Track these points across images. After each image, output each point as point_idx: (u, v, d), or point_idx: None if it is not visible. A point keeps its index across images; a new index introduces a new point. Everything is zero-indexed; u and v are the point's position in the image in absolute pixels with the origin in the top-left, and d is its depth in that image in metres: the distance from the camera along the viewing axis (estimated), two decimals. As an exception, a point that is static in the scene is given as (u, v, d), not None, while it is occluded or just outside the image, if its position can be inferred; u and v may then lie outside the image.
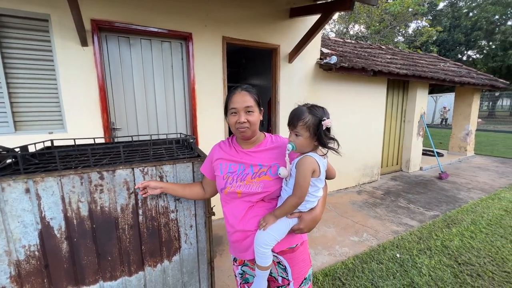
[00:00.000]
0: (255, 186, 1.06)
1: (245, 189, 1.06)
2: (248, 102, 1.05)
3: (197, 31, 2.77)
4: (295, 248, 1.11)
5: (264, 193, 1.06)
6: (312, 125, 0.96)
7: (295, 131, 0.99)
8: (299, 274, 1.11)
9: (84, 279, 1.34)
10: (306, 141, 0.98)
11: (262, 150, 1.12)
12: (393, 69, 4.10)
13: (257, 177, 1.06)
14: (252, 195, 1.07)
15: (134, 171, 1.35)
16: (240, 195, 1.08)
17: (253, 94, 1.08)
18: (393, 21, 10.59)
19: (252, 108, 1.06)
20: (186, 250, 1.57)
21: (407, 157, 5.44)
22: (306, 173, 0.96)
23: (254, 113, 1.07)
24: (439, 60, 7.05)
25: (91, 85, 2.36)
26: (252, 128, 1.08)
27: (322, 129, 0.95)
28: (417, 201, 3.88)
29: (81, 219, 1.29)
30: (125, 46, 2.56)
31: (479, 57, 19.20)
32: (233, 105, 1.05)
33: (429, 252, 2.52)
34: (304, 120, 0.97)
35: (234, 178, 1.08)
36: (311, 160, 0.98)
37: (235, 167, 1.10)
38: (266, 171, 1.07)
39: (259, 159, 1.10)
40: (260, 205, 1.10)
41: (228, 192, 1.09)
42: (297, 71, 3.55)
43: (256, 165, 1.08)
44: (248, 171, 1.08)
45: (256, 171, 1.07)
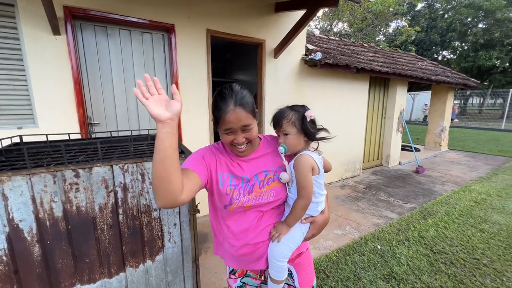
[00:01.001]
0: (266, 195, 0.95)
1: (255, 202, 0.94)
2: (245, 120, 0.86)
3: (180, 22, 2.67)
4: (301, 254, 1.07)
5: (276, 201, 0.98)
6: (296, 120, 0.96)
7: (282, 130, 0.97)
8: (306, 281, 1.06)
9: (59, 283, 1.26)
10: (296, 138, 0.97)
11: (262, 155, 1.02)
12: (375, 67, 4.21)
13: (266, 185, 0.96)
14: (263, 205, 0.97)
15: (113, 168, 1.29)
16: (249, 207, 0.95)
17: (248, 108, 0.87)
18: (375, 20, 10.87)
19: (250, 125, 0.88)
20: (170, 249, 1.53)
21: (387, 152, 5.65)
22: (306, 172, 0.93)
23: (253, 128, 0.90)
24: (417, 59, 7.34)
25: (65, 77, 2.21)
26: (252, 144, 0.97)
27: (307, 122, 0.95)
28: (396, 194, 4.05)
29: (55, 220, 1.21)
30: (102, 36, 2.41)
31: (453, 57, 20.24)
32: (227, 125, 0.86)
33: (407, 242, 2.64)
34: (287, 117, 0.97)
35: (240, 192, 0.93)
36: (307, 157, 0.95)
37: (238, 181, 0.95)
38: (273, 176, 0.97)
39: (263, 164, 0.99)
40: (271, 213, 1.01)
41: (235, 207, 0.94)
42: (283, 67, 3.55)
43: (260, 172, 0.97)
44: (253, 181, 0.95)
45: (262, 178, 0.96)
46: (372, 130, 5.40)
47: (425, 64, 6.73)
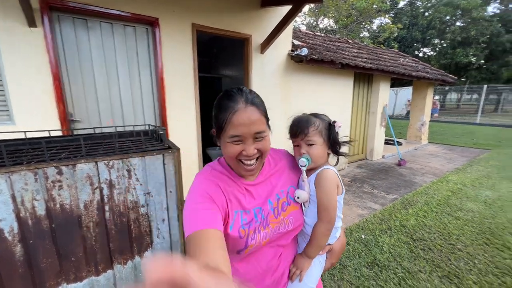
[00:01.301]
0: (284, 224, 0.78)
1: (273, 235, 0.76)
2: (258, 123, 0.67)
3: (164, 16, 2.61)
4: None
5: (296, 229, 0.81)
6: (324, 129, 0.84)
7: (307, 139, 0.83)
8: None
9: (44, 283, 1.24)
10: (321, 150, 0.84)
11: (270, 175, 0.82)
12: (359, 63, 4.31)
13: (283, 212, 0.78)
14: (282, 237, 0.79)
15: (98, 164, 1.26)
16: (265, 243, 0.76)
17: (262, 109, 0.69)
18: (359, 17, 11.08)
19: (264, 132, 0.69)
20: (159, 245, 1.53)
21: (371, 146, 5.83)
22: (332, 191, 0.79)
23: (267, 137, 0.71)
24: (399, 55, 7.57)
25: (42, 72, 2.12)
26: (263, 160, 0.74)
27: (335, 132, 0.85)
28: (379, 186, 4.21)
29: (37, 219, 1.17)
30: (83, 29, 2.32)
31: (433, 54, 21.03)
32: (236, 130, 0.65)
33: (390, 231, 2.77)
34: (315, 124, 0.83)
35: (254, 229, 0.72)
36: (332, 173, 0.82)
37: (251, 215, 0.73)
38: (287, 199, 0.80)
39: (273, 187, 0.80)
40: (291, 248, 0.86)
41: (251, 248, 0.72)
42: (269, 62, 3.56)
43: (273, 197, 0.78)
44: (268, 210, 0.76)
45: (276, 205, 0.77)
46: (356, 124, 5.55)
47: (407, 61, 6.96)
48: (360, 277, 2.08)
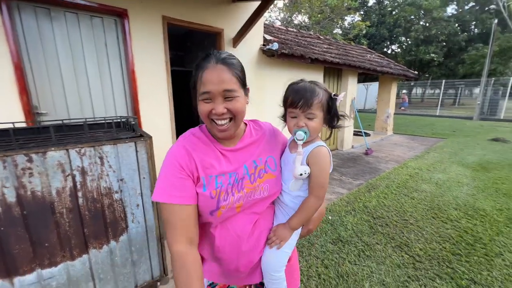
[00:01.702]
0: (259, 191, 0.79)
1: (247, 200, 0.77)
2: (228, 82, 0.69)
3: (133, 8, 2.59)
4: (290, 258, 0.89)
5: (271, 196, 0.83)
6: (326, 102, 0.79)
7: (309, 112, 0.77)
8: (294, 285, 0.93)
9: (17, 269, 1.27)
10: (320, 123, 0.80)
11: (250, 143, 0.83)
12: (328, 58, 4.56)
13: (259, 179, 0.79)
14: (257, 204, 0.81)
15: (69, 152, 1.31)
16: (239, 208, 0.78)
17: (234, 69, 0.71)
18: (331, 13, 11.49)
19: (235, 92, 0.70)
20: (134, 229, 1.60)
21: (341, 137, 6.20)
22: (327, 168, 0.79)
23: (238, 98, 0.72)
24: (367, 51, 8.04)
25: (2, 62, 2.03)
26: (237, 122, 0.75)
27: (336, 106, 0.81)
28: (347, 173, 4.54)
29: (8, 206, 1.20)
30: (45, 19, 2.25)
31: (399, 51, 22.42)
32: (205, 87, 0.68)
33: (354, 212, 3.04)
34: (319, 96, 0.77)
35: (228, 191, 0.75)
36: (326, 151, 0.81)
37: (225, 178, 0.76)
38: (264, 167, 0.81)
39: (251, 154, 0.82)
40: (267, 216, 0.86)
41: (223, 213, 0.75)
42: (242, 56, 3.66)
43: (250, 163, 0.80)
44: (243, 174, 0.78)
45: (253, 171, 0.79)
46: (328, 117, 5.86)
47: (373, 57, 7.43)
48: (325, 252, 2.30)
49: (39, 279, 1.32)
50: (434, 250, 2.31)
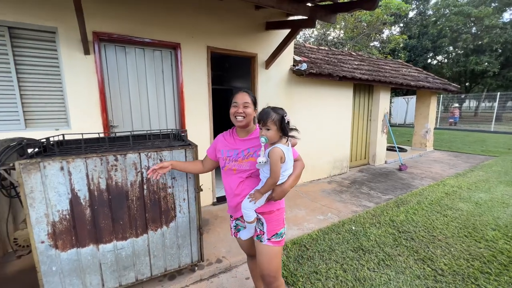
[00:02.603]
0: (245, 165, 1.44)
1: (238, 167, 1.45)
2: (246, 99, 1.45)
3: (185, 41, 3.20)
4: (273, 212, 1.46)
5: (251, 170, 1.44)
6: (277, 120, 1.29)
7: (266, 126, 1.29)
8: (272, 229, 1.46)
9: (102, 238, 1.75)
10: (275, 133, 1.30)
11: (252, 138, 1.48)
12: (356, 75, 4.73)
13: (246, 159, 1.44)
14: (243, 172, 1.45)
15: (141, 155, 1.78)
16: (235, 171, 1.46)
17: (250, 95, 1.49)
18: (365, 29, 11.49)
19: (248, 104, 1.45)
20: (180, 218, 2.01)
21: (373, 152, 6.13)
22: (277, 161, 1.28)
23: (249, 107, 1.45)
24: (403, 66, 7.88)
25: (92, 88, 2.72)
26: (246, 119, 1.44)
27: (285, 122, 1.29)
28: (377, 188, 4.52)
29: (100, 191, 1.69)
30: (122, 54, 2.93)
31: (446, 62, 20.89)
32: (235, 100, 1.46)
33: (378, 224, 3.10)
34: (271, 117, 1.29)
35: (230, 159, 1.48)
36: (278, 150, 1.29)
37: (232, 152, 1.48)
38: (252, 153, 1.43)
39: (248, 145, 1.46)
40: (248, 181, 1.47)
41: (227, 169, 1.49)
42: (273, 76, 4.07)
43: (246, 149, 1.45)
44: (240, 154, 1.45)
45: (246, 154, 1.44)
46: (358, 132, 5.90)
47: (409, 71, 7.27)
48: (345, 258, 2.45)
49: (115, 248, 1.79)
50: (460, 266, 2.30)
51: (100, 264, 1.76)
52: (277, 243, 1.47)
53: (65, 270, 1.65)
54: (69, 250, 1.64)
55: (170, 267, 2.04)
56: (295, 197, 4.04)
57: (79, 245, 1.67)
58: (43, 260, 1.58)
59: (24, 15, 2.37)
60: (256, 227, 1.49)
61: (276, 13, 3.82)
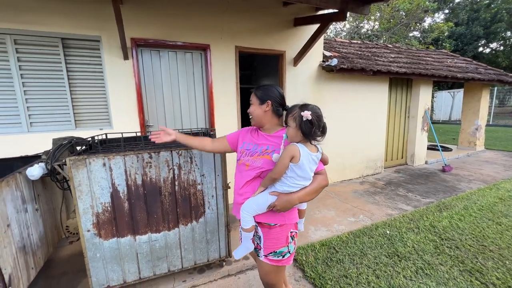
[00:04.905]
0: (258, 161, 1.32)
1: (251, 163, 1.34)
2: (251, 98, 1.44)
3: (214, 42, 3.28)
4: (272, 226, 1.31)
5: (262, 168, 1.30)
6: (297, 117, 1.17)
7: (287, 122, 1.24)
8: (269, 246, 1.32)
9: (138, 230, 1.88)
10: (293, 131, 1.19)
11: (274, 136, 1.37)
12: (392, 68, 4.40)
13: (261, 155, 1.32)
14: (255, 169, 1.32)
15: (172, 153, 1.87)
16: (247, 167, 1.35)
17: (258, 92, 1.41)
18: (404, 18, 10.62)
19: (252, 102, 1.42)
20: (209, 214, 2.08)
21: (411, 151, 5.67)
22: (285, 156, 1.17)
23: (253, 105, 1.41)
24: (448, 56, 7.15)
25: (130, 91, 2.94)
26: (254, 118, 1.41)
27: (302, 121, 1.15)
28: (416, 190, 4.18)
29: (137, 186, 1.82)
30: (156, 57, 3.12)
31: (502, 50, 18.43)
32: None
33: (417, 230, 2.87)
34: (292, 113, 1.21)
35: (246, 153, 1.39)
36: (293, 147, 1.17)
37: (251, 146, 1.39)
38: (270, 152, 1.30)
39: (269, 142, 1.35)
40: (255, 182, 1.35)
41: (240, 163, 1.41)
42: (302, 73, 3.98)
43: (264, 146, 1.34)
44: (258, 150, 1.34)
45: (263, 151, 1.33)
46: (394, 129, 5.50)
47: (455, 62, 6.56)
48: (378, 263, 2.31)
49: (149, 240, 1.92)
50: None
51: (137, 253, 1.90)
52: (275, 262, 1.33)
53: (107, 257, 1.82)
54: (111, 239, 1.80)
55: (200, 261, 2.12)
56: (325, 197, 3.92)
57: (119, 235, 1.82)
58: (89, 247, 1.76)
59: (74, 27, 2.64)
60: (253, 239, 1.37)
61: (304, 8, 3.72)
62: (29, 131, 2.65)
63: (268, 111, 1.38)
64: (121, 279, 1.88)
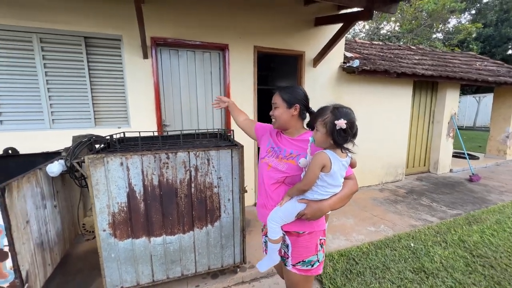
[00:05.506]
0: (282, 165, 1.26)
1: (274, 164, 1.28)
2: (275, 99, 1.34)
3: (232, 42, 3.23)
4: (301, 234, 1.24)
5: (286, 173, 1.24)
6: (329, 123, 1.04)
7: (316, 126, 1.11)
8: (297, 255, 1.25)
9: (153, 231, 1.84)
10: (322, 137, 1.08)
11: (298, 140, 1.30)
12: (418, 71, 4.18)
13: (285, 159, 1.26)
14: (278, 172, 1.26)
15: (190, 154, 1.82)
16: (269, 168, 1.30)
17: (282, 94, 1.32)
18: (427, 19, 10.16)
19: (276, 104, 1.32)
20: (225, 219, 2.01)
21: (435, 158, 5.37)
22: (315, 165, 1.07)
23: (278, 109, 1.31)
24: (476, 59, 6.74)
25: (149, 90, 2.94)
26: (277, 121, 1.33)
27: (335, 129, 1.02)
28: (441, 200, 3.92)
29: (153, 187, 1.78)
30: (175, 57, 3.11)
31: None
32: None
33: (444, 244, 2.66)
34: (323, 117, 1.07)
35: (271, 154, 1.33)
36: (324, 156, 1.07)
37: (275, 146, 1.35)
38: (294, 156, 1.24)
39: (293, 146, 1.29)
40: (282, 188, 1.27)
41: (263, 162, 1.35)
42: (321, 75, 3.85)
43: (288, 150, 1.28)
44: (282, 152, 1.29)
45: (287, 155, 1.27)
46: (417, 135, 5.23)
47: (485, 64, 6.17)
48: (403, 279, 2.15)
49: (164, 242, 1.87)
50: None
51: (151, 255, 1.85)
52: (304, 272, 1.25)
53: (122, 258, 1.78)
54: (125, 240, 1.77)
55: (213, 266, 2.05)
56: (342, 204, 3.75)
57: (134, 236, 1.79)
58: (104, 246, 1.73)
59: (97, 26, 2.67)
60: (280, 247, 1.29)
61: (326, 7, 3.60)
62: (51, 128, 2.70)
63: (296, 115, 1.31)
64: (135, 280, 1.85)
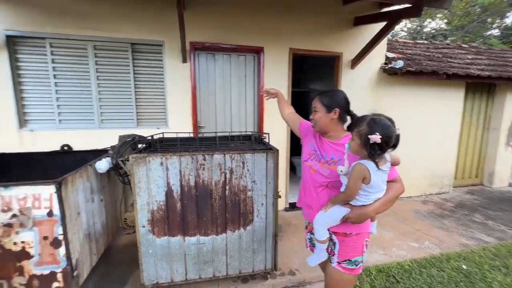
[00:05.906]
0: (324, 170, 1.31)
1: (317, 168, 1.33)
2: (315, 104, 1.38)
3: (268, 44, 3.22)
4: (348, 235, 1.28)
5: (329, 178, 1.28)
6: (363, 135, 1.06)
7: (352, 134, 1.14)
8: (344, 254, 1.29)
9: (188, 231, 1.88)
10: (357, 146, 1.10)
11: (338, 144, 1.31)
12: (472, 71, 3.75)
13: (327, 164, 1.30)
14: (320, 176, 1.31)
15: (225, 156, 1.83)
16: (313, 171, 1.35)
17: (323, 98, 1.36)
18: (482, 14, 9.11)
19: (316, 108, 1.36)
20: (257, 223, 1.98)
21: (490, 169, 4.76)
22: (355, 178, 1.10)
23: (318, 113, 1.35)
24: (545, 57, 5.85)
25: (186, 92, 3.05)
26: (317, 125, 1.36)
27: (368, 142, 1.04)
28: (498, 218, 3.45)
29: (189, 188, 1.82)
30: (211, 60, 3.19)
31: None
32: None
33: (505, 270, 2.32)
34: (359, 128, 1.09)
35: (314, 157, 1.37)
36: (362, 167, 1.08)
37: (317, 149, 1.37)
38: (336, 161, 1.28)
39: (334, 151, 1.31)
40: (325, 191, 1.32)
41: (306, 165, 1.40)
42: (360, 77, 3.65)
43: (329, 155, 1.31)
44: (324, 157, 1.33)
45: (329, 159, 1.31)
46: (469, 142, 4.69)
47: (557, 63, 5.31)
48: (454, 305, 1.91)
49: (197, 242, 1.90)
50: None
51: (185, 254, 1.90)
52: (349, 271, 1.29)
53: (158, 254, 1.85)
54: (162, 237, 1.83)
55: (244, 270, 2.03)
56: (380, 214, 3.50)
57: (170, 234, 1.85)
58: (143, 242, 1.82)
59: (143, 32, 2.85)
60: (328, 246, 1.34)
61: (367, 5, 3.41)
62: (99, 127, 2.94)
63: (335, 119, 1.33)
64: (169, 277, 1.90)
